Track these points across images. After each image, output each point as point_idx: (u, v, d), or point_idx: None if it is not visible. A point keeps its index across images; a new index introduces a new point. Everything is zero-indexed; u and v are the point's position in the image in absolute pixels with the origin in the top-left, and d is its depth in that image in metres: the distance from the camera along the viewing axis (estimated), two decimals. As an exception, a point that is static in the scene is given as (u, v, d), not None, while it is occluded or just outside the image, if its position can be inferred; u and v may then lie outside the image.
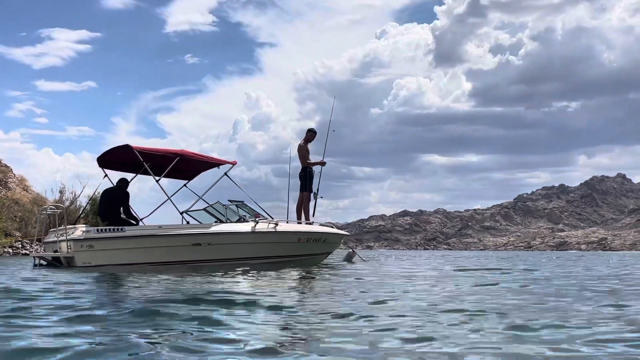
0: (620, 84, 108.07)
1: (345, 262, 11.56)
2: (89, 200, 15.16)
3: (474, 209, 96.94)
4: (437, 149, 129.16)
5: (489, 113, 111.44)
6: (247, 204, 10.79)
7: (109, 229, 9.46)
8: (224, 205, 10.39)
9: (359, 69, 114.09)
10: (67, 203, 18.76)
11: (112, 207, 10.24)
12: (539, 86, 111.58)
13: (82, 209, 20.23)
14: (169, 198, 10.42)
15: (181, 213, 10.23)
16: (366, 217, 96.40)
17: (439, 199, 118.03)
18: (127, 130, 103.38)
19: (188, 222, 10.19)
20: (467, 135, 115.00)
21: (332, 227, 11.72)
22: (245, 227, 9.95)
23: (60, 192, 19.68)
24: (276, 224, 10.16)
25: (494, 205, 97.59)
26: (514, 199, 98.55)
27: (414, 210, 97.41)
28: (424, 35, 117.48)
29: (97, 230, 9.53)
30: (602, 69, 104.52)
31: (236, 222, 10.20)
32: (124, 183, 10.66)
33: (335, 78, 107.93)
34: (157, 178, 10.26)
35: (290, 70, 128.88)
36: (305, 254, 10.67)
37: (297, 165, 11.69)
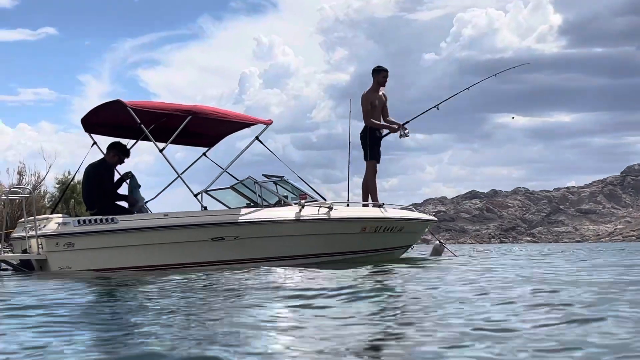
0: None
1: (433, 258, 11.47)
2: (65, 186, 14.70)
3: (567, 187, 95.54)
4: (515, 107, 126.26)
5: (587, 56, 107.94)
6: (289, 180, 10.65)
7: (95, 220, 9.35)
8: (257, 182, 10.20)
9: (407, 1, 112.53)
10: (28, 188, 18.61)
11: (94, 188, 10.03)
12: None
13: (48, 195, 20.00)
14: (179, 176, 10.20)
15: (195, 195, 9.97)
16: (420, 202, 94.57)
17: (518, 174, 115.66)
18: (99, 92, 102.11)
19: (206, 208, 9.93)
20: (556, 87, 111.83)
21: (411, 209, 11.65)
22: (288, 212, 9.81)
23: (19, 173, 19.36)
24: (330, 208, 10.03)
25: (594, 182, 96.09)
26: (622, 172, 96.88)
27: (485, 190, 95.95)
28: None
29: (79, 222, 9.40)
30: None
31: (275, 205, 10.04)
32: (113, 151, 10.25)
33: (375, 14, 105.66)
34: (162, 146, 10.04)
35: (315, 5, 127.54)
36: (373, 249, 10.54)
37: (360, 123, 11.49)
